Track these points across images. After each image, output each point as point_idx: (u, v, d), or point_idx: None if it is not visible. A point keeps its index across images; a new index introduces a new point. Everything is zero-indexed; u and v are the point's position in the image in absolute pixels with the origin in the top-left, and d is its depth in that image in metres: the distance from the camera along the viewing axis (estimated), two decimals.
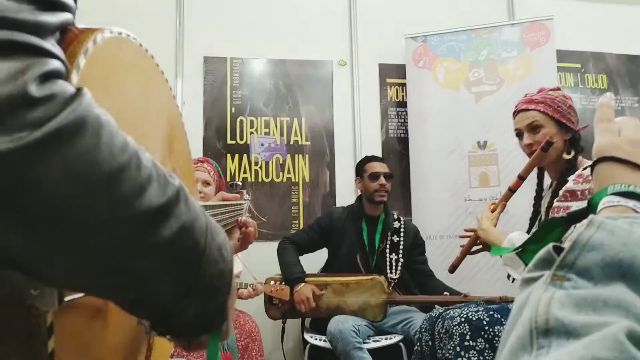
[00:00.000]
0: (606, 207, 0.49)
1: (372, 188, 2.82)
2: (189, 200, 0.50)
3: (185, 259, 0.49)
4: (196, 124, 3.20)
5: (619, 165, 0.52)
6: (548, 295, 0.36)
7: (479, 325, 1.67)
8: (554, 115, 1.76)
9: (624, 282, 0.37)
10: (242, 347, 2.35)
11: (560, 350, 0.32)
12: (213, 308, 0.53)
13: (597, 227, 0.40)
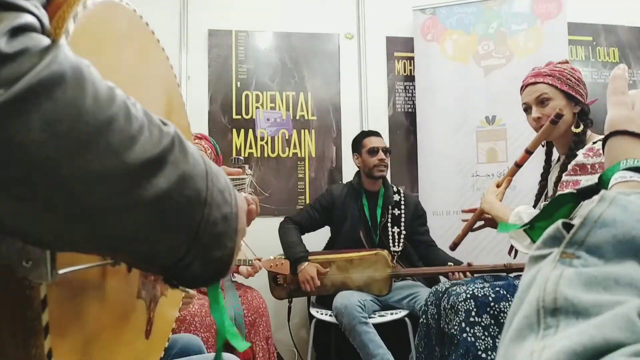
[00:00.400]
0: (618, 183, 0.47)
1: (371, 163, 2.80)
2: (186, 146, 0.48)
3: (187, 207, 0.47)
4: (201, 98, 3.17)
5: (633, 140, 0.50)
6: (557, 273, 0.35)
7: (485, 302, 1.66)
8: (563, 87, 1.74)
9: (637, 260, 0.35)
10: (249, 323, 2.37)
11: (569, 330, 0.31)
12: (220, 253, 0.52)
13: (610, 202, 0.38)
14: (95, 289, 0.53)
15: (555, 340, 0.31)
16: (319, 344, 2.79)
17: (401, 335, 2.60)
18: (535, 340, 0.32)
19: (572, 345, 0.29)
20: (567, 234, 0.38)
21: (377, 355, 2.43)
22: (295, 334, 2.91)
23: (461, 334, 1.66)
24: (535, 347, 0.31)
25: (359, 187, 2.86)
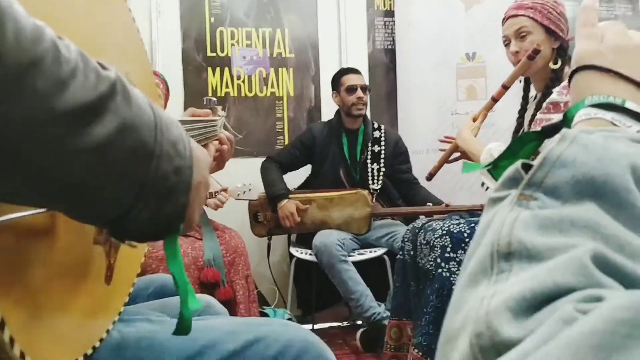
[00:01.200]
0: (582, 120, 0.45)
1: (349, 101, 2.75)
2: (130, 93, 0.44)
3: (131, 159, 0.44)
4: (173, 35, 3.05)
5: (600, 74, 0.47)
6: (513, 216, 0.33)
7: (460, 237, 1.68)
8: (543, 21, 1.71)
9: (595, 201, 0.33)
10: (228, 263, 2.39)
11: (521, 274, 0.30)
12: (171, 208, 0.49)
13: (570, 141, 0.36)
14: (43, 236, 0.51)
15: (506, 285, 0.29)
16: (299, 282, 2.84)
17: (380, 273, 2.65)
18: (488, 286, 0.30)
19: (522, 291, 0.28)
20: (525, 174, 0.36)
21: (357, 292, 2.49)
22: (276, 273, 2.95)
23: (436, 269, 1.69)
24: (487, 292, 0.30)
25: (339, 126, 2.83)
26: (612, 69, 0.46)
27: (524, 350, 0.25)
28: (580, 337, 0.23)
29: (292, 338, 0.71)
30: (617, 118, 0.43)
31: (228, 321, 0.74)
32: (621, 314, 0.24)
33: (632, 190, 0.34)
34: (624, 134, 0.38)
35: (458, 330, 0.30)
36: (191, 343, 0.67)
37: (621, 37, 0.49)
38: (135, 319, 0.70)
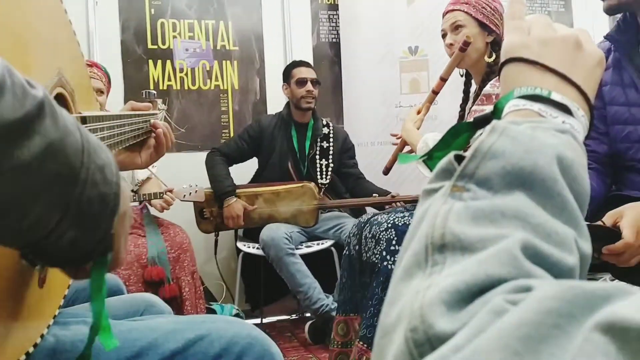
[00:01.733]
0: (512, 111, 0.46)
1: (299, 94, 2.75)
2: (57, 114, 0.42)
3: (55, 183, 0.42)
4: (112, 26, 2.95)
5: (527, 66, 0.48)
6: (446, 208, 0.34)
7: (405, 230, 1.71)
8: (477, 16, 1.77)
9: (524, 191, 0.34)
10: (173, 259, 2.34)
11: (454, 266, 0.30)
12: (93, 236, 0.47)
13: (500, 133, 0.37)
14: None
15: (440, 278, 0.30)
16: (247, 276, 2.82)
17: (328, 265, 2.67)
18: (422, 279, 0.31)
19: (455, 283, 0.29)
20: (458, 166, 0.36)
21: (305, 284, 2.50)
22: (222, 268, 2.92)
23: (382, 262, 1.72)
24: (421, 285, 0.30)
25: (288, 119, 2.82)
26: (539, 61, 0.47)
27: (456, 344, 0.25)
28: (510, 328, 0.24)
29: (237, 334, 0.70)
30: (544, 109, 0.44)
31: (169, 320, 0.73)
32: (548, 304, 0.24)
33: (558, 179, 0.35)
34: (550, 125, 0.40)
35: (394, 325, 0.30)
36: (130, 344, 0.65)
37: (547, 29, 0.50)
38: (71, 321, 0.68)
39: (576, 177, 0.37)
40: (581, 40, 0.49)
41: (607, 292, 0.24)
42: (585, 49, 0.48)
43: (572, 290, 0.25)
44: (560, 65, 0.47)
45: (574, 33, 0.49)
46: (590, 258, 0.37)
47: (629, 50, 1.35)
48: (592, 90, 0.47)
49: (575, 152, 0.38)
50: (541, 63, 0.47)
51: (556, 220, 0.34)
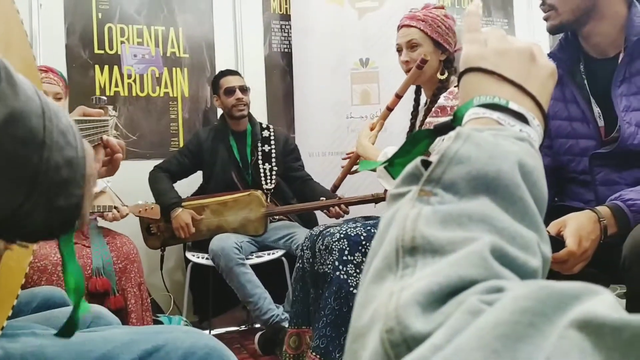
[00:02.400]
0: (472, 120, 0.47)
1: (229, 103, 2.74)
2: (15, 80, 0.41)
3: (21, 150, 0.41)
4: (56, 29, 2.85)
5: (485, 76, 0.50)
6: (415, 211, 0.35)
7: (357, 240, 1.73)
8: (432, 34, 1.82)
9: (488, 196, 0.36)
10: (119, 270, 2.27)
11: (426, 269, 0.31)
12: (65, 202, 0.46)
13: (465, 140, 0.38)
14: None
15: (413, 280, 0.30)
16: (195, 287, 2.77)
17: (278, 275, 2.65)
18: (394, 281, 0.31)
19: (429, 285, 0.29)
20: (425, 171, 0.37)
21: (255, 295, 2.47)
22: (170, 279, 2.85)
23: (334, 272, 1.72)
24: (394, 288, 0.30)
25: (225, 129, 2.80)
26: (496, 71, 0.49)
27: (434, 344, 0.26)
28: (487, 328, 0.25)
29: (194, 344, 0.69)
30: (502, 117, 0.46)
31: (124, 331, 0.71)
32: (523, 303, 0.25)
33: (520, 185, 0.37)
34: (509, 133, 0.41)
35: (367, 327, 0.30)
36: (84, 356, 0.63)
37: (502, 41, 0.52)
38: (19, 333, 0.65)
39: (536, 183, 0.38)
40: (535, 53, 0.51)
41: (577, 292, 0.26)
42: (539, 61, 0.51)
43: (543, 290, 0.26)
44: (516, 76, 0.49)
45: (529, 46, 0.52)
46: (550, 261, 0.38)
47: (571, 67, 1.42)
48: (545, 100, 0.50)
49: (534, 159, 0.40)
50: (499, 73, 0.49)
51: (519, 224, 0.35)
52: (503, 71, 0.49)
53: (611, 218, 1.16)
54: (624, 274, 1.07)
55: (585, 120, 1.38)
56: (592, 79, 1.39)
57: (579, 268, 1.13)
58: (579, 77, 1.41)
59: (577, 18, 1.34)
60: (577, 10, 1.33)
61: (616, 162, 1.32)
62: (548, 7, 1.37)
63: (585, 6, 1.33)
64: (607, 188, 1.32)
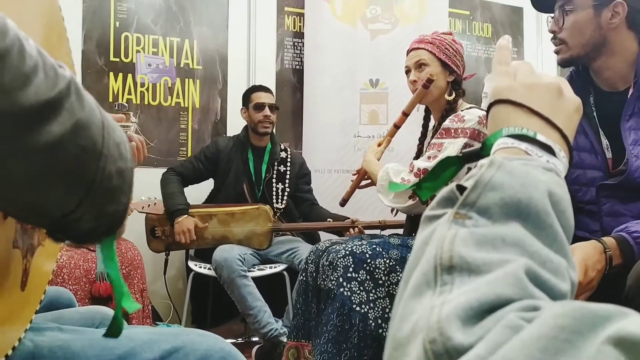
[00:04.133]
0: (500, 149, 0.50)
1: (257, 119, 2.77)
2: (82, 93, 0.44)
3: (81, 158, 0.44)
4: (74, 35, 2.90)
5: (514, 108, 0.52)
6: (452, 233, 0.37)
7: (362, 258, 1.74)
8: (440, 55, 1.87)
9: (520, 222, 0.38)
10: (123, 276, 2.28)
11: (463, 287, 0.33)
12: (115, 209, 0.49)
13: (498, 167, 0.41)
14: None
15: (452, 296, 0.33)
16: (196, 297, 2.78)
17: (279, 289, 2.66)
18: (433, 296, 0.34)
19: (469, 301, 0.32)
20: (460, 195, 0.40)
21: (255, 307, 2.48)
22: (171, 287, 2.86)
23: (338, 288, 1.73)
24: (435, 302, 0.33)
25: (246, 141, 2.83)
26: (525, 104, 0.52)
27: (478, 354, 0.28)
28: (530, 340, 0.27)
29: (211, 348, 0.71)
30: (530, 148, 0.48)
31: (145, 330, 0.72)
32: (561, 321, 0.28)
33: (550, 213, 0.39)
34: (538, 163, 0.44)
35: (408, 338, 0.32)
36: (108, 352, 0.64)
37: (531, 75, 0.55)
38: (45, 327, 0.67)
39: (564, 212, 0.41)
40: (562, 87, 0.54)
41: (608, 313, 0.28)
42: (566, 95, 0.54)
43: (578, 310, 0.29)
44: (544, 109, 0.52)
45: (556, 81, 0.54)
46: (577, 286, 0.41)
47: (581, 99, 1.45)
48: (571, 133, 0.52)
49: (562, 189, 0.43)
50: (527, 106, 0.52)
51: (549, 249, 0.38)
52: (531, 104, 0.52)
53: (616, 249, 1.18)
54: (628, 304, 1.09)
55: (594, 151, 1.41)
56: (602, 111, 1.42)
57: (584, 298, 1.15)
58: (589, 109, 1.44)
59: (587, 53, 1.37)
60: (587, 46, 1.37)
61: (623, 194, 1.34)
62: (559, 41, 1.41)
63: (595, 41, 1.36)
64: (613, 219, 1.34)
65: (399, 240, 1.82)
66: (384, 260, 1.74)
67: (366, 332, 1.67)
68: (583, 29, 1.36)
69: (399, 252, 1.76)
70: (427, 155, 1.81)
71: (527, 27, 3.99)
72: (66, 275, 2.09)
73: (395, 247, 1.77)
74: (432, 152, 1.79)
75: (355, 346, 1.66)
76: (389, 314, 1.71)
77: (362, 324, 1.67)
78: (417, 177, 1.76)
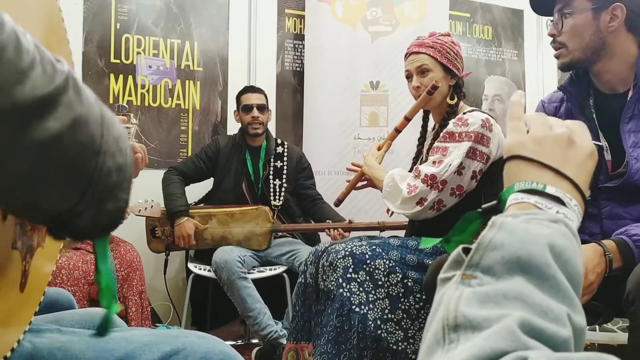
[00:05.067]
0: (512, 204, 0.53)
1: (246, 121, 2.78)
2: (81, 88, 0.44)
3: (80, 154, 0.44)
4: (75, 37, 2.90)
5: (525, 163, 0.55)
6: (457, 294, 0.40)
7: (362, 259, 1.74)
8: (442, 60, 1.85)
9: (523, 276, 0.41)
10: (122, 278, 2.29)
11: (466, 343, 0.36)
12: (113, 205, 0.49)
13: (498, 228, 0.44)
14: None
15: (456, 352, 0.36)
16: (196, 299, 2.77)
17: (278, 290, 2.66)
18: (442, 354, 0.37)
19: (467, 357, 0.34)
20: (466, 257, 0.43)
21: (255, 309, 2.48)
22: (171, 289, 2.86)
23: (338, 289, 1.73)
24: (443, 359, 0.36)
25: (242, 142, 2.83)
26: (535, 158, 0.55)
27: None
28: None
29: (211, 350, 0.71)
30: (540, 201, 0.51)
31: (143, 332, 0.72)
32: None
33: (551, 264, 0.42)
34: (544, 216, 0.47)
35: None
36: (108, 355, 0.64)
37: (543, 128, 0.58)
38: (45, 329, 0.67)
39: (568, 261, 0.43)
40: (574, 137, 0.56)
41: None
42: (577, 144, 0.56)
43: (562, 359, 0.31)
44: (553, 161, 0.54)
45: (566, 131, 0.57)
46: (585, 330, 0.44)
47: (581, 101, 1.46)
48: (584, 181, 0.55)
49: (567, 239, 0.45)
50: (537, 160, 0.54)
51: (551, 299, 0.40)
52: (541, 157, 0.55)
53: (616, 252, 1.18)
54: (628, 307, 1.09)
55: None
56: (601, 114, 1.42)
57: (584, 301, 1.15)
58: (588, 111, 1.44)
59: (587, 56, 1.37)
60: (586, 49, 1.37)
61: (622, 196, 1.34)
62: (558, 45, 1.41)
63: (595, 44, 1.36)
64: (613, 222, 1.35)
65: (398, 242, 1.81)
66: (384, 262, 1.74)
67: (365, 333, 1.66)
68: (582, 32, 1.36)
69: (398, 253, 1.76)
70: (432, 160, 1.80)
71: (528, 29, 4.00)
72: (65, 276, 2.09)
73: (395, 248, 1.77)
74: (437, 156, 1.78)
75: (354, 347, 1.66)
76: (388, 315, 1.71)
77: (362, 325, 1.67)
78: (424, 183, 1.75)
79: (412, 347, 1.70)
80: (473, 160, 1.75)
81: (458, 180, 1.75)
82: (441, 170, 1.74)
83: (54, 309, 1.12)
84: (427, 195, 1.76)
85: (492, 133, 1.77)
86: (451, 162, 1.74)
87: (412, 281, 1.73)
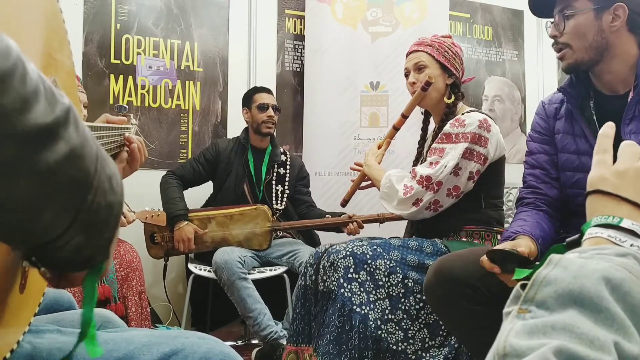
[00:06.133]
0: (587, 239, 0.55)
1: (260, 119, 2.79)
2: (79, 123, 0.44)
3: (72, 187, 0.44)
4: (75, 37, 2.90)
5: (604, 197, 0.57)
6: (510, 326, 0.44)
7: (363, 259, 1.74)
8: (439, 58, 1.87)
9: (577, 308, 0.43)
10: (121, 278, 2.28)
11: None
12: (97, 243, 0.49)
13: (555, 264, 0.47)
14: None
15: None
16: (196, 299, 2.77)
17: (279, 291, 2.66)
18: None
19: None
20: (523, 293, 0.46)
21: (255, 310, 2.48)
22: (170, 290, 2.86)
23: (339, 289, 1.73)
24: None
25: (246, 143, 2.84)
26: (613, 192, 0.57)
27: None
28: None
29: (210, 350, 0.71)
30: (614, 235, 0.54)
31: (143, 333, 0.72)
32: None
33: (604, 297, 0.44)
34: (611, 250, 0.49)
35: None
36: (107, 355, 0.64)
37: (630, 159, 0.60)
38: (45, 330, 0.67)
39: (630, 292, 0.45)
40: None
41: None
42: None
43: None
44: (633, 194, 0.56)
45: None
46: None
47: (581, 102, 1.45)
48: None
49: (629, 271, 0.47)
50: (615, 194, 0.57)
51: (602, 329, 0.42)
52: (620, 190, 0.57)
53: None
54: None
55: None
56: (601, 115, 1.42)
57: None
58: (589, 113, 1.44)
59: (591, 57, 1.37)
60: (590, 49, 1.36)
61: None
62: (562, 45, 1.40)
63: (598, 45, 1.36)
64: None
65: (399, 242, 1.81)
66: (385, 262, 1.74)
67: (366, 334, 1.66)
68: (585, 32, 1.36)
69: (399, 253, 1.76)
70: (428, 161, 1.81)
71: (528, 30, 4.00)
72: None
73: (395, 249, 1.77)
74: (434, 157, 1.79)
75: (355, 347, 1.66)
76: (389, 315, 1.71)
77: (363, 325, 1.67)
78: (420, 184, 1.76)
79: (412, 347, 1.70)
80: (470, 161, 1.75)
81: (454, 181, 1.75)
82: (437, 172, 1.75)
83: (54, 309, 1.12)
84: (422, 196, 1.76)
85: (489, 133, 1.77)
86: (447, 163, 1.75)
87: (412, 281, 1.73)
